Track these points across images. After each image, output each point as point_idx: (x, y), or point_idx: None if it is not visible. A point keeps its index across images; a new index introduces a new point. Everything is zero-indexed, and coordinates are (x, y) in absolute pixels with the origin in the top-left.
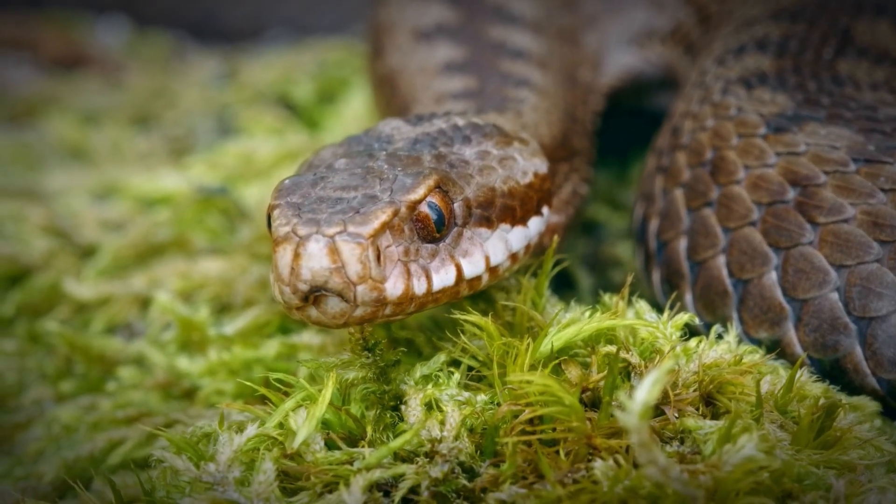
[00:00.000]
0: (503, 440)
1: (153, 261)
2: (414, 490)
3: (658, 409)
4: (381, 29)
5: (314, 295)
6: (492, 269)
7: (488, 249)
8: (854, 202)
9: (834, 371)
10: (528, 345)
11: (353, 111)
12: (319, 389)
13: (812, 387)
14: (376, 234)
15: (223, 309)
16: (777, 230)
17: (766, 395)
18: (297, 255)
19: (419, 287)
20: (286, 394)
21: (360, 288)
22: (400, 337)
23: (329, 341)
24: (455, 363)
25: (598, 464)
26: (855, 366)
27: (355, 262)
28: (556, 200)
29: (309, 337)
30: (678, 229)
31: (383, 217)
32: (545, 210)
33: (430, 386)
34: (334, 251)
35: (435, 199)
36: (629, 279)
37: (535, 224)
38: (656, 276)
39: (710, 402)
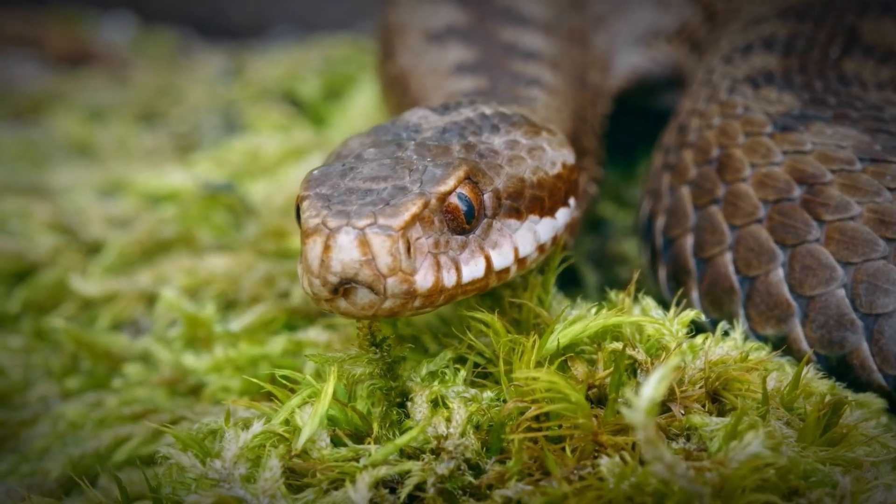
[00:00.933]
0: (509, 437)
1: (159, 257)
2: (420, 487)
3: (664, 406)
4: (391, 30)
5: (344, 287)
6: (520, 261)
7: (517, 241)
8: (860, 200)
9: (840, 368)
10: (535, 341)
11: (360, 108)
12: (325, 386)
13: (818, 383)
14: (407, 227)
15: (229, 305)
16: (784, 227)
17: (773, 392)
18: (327, 248)
19: (449, 279)
20: (292, 390)
21: (390, 280)
22: (406, 334)
23: (336, 338)
24: (461, 360)
25: (604, 461)
26: (861, 362)
27: (386, 255)
28: None
29: (315, 333)
30: (685, 226)
31: (414, 209)
32: (572, 201)
33: (436, 383)
34: (365, 243)
35: (465, 190)
36: (635, 276)
37: (563, 215)
38: (662, 273)
39: (716, 399)
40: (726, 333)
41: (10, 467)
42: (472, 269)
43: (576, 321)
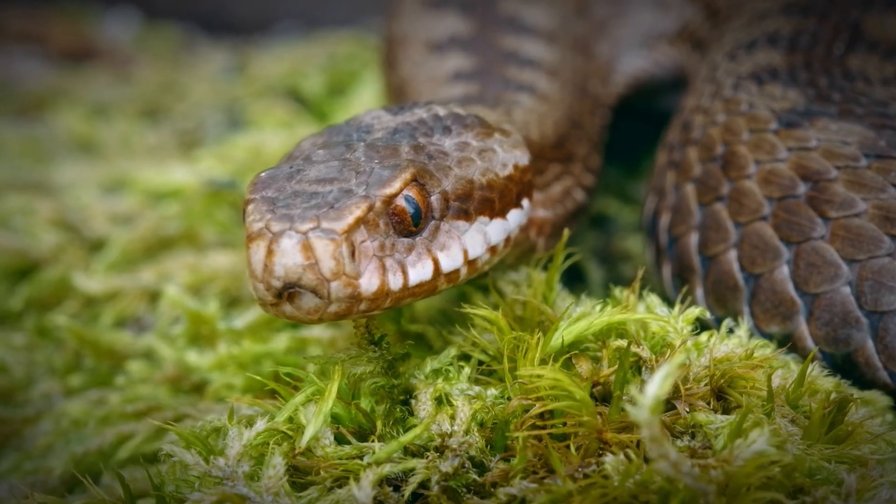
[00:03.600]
0: (513, 435)
1: (162, 254)
2: (424, 485)
3: (669, 404)
4: (394, 41)
5: (288, 291)
6: (470, 263)
7: (466, 243)
8: (865, 197)
9: (845, 365)
10: (539, 339)
11: (363, 104)
12: (329, 384)
13: (823, 381)
14: (350, 230)
15: (232, 303)
16: (788, 224)
17: (778, 390)
18: (270, 252)
19: (395, 282)
20: (296, 388)
21: (333, 284)
22: (410, 331)
23: (339, 335)
24: (465, 357)
25: (608, 458)
26: (866, 360)
27: (329, 259)
28: (542, 197)
29: (319, 331)
30: (689, 224)
31: (357, 212)
32: (525, 202)
33: (440, 380)
34: (307, 247)
35: (412, 192)
36: (640, 273)
37: (515, 216)
38: (667, 270)
39: (721, 397)
40: (731, 331)
41: (13, 465)
42: (419, 272)
43: (580, 318)
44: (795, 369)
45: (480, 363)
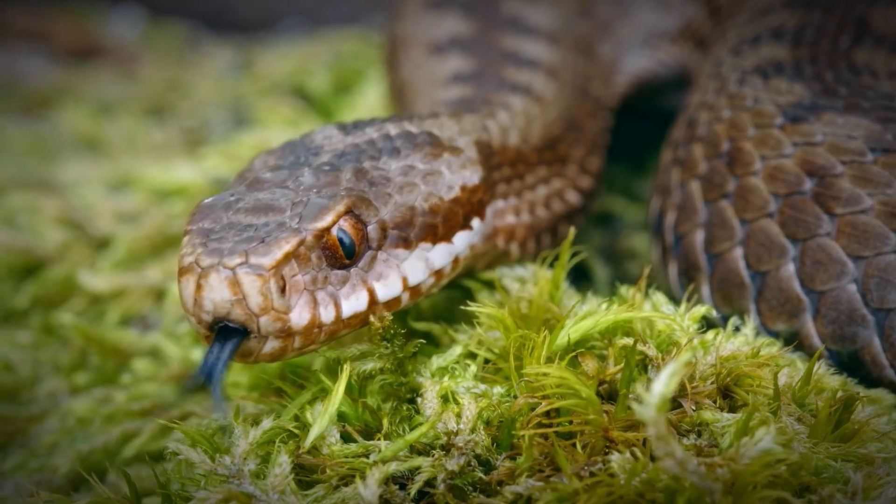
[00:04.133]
0: (520, 433)
1: (168, 252)
2: (430, 483)
3: (675, 402)
4: (396, 43)
5: (219, 325)
6: (412, 289)
7: (406, 270)
8: (871, 192)
9: (852, 363)
10: (545, 337)
11: (369, 102)
12: (335, 382)
13: (830, 379)
14: (279, 265)
15: None
16: (794, 221)
17: (784, 388)
18: (199, 287)
19: (326, 315)
20: (302, 386)
21: (262, 319)
22: (417, 329)
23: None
24: (471, 355)
25: (615, 457)
26: (873, 357)
27: (256, 294)
28: (521, 202)
29: None
30: (695, 222)
31: (287, 247)
32: (476, 222)
33: (446, 378)
34: (235, 283)
35: (346, 224)
36: (646, 271)
37: (463, 238)
38: (673, 269)
39: (727, 395)
40: (737, 329)
41: (18, 463)
42: (353, 304)
43: (586, 317)
44: (802, 367)
45: (486, 361)
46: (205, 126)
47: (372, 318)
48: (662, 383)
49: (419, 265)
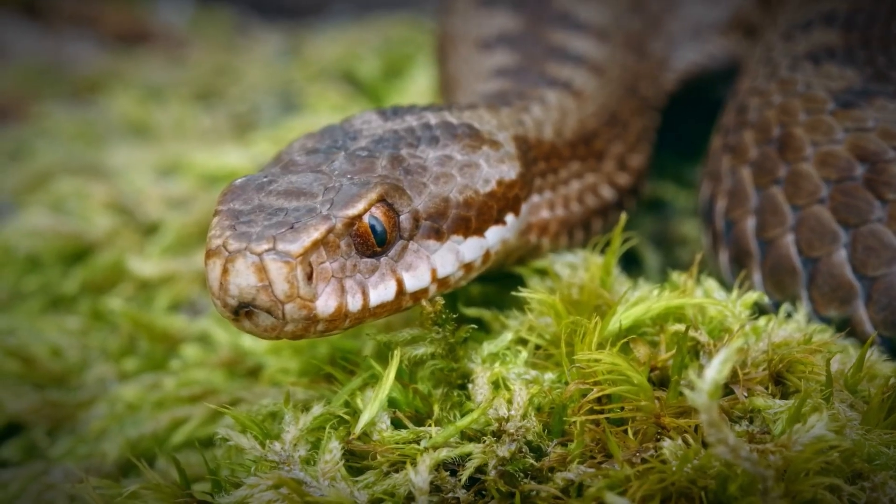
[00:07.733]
0: (571, 419)
1: None
2: (481, 469)
3: (727, 389)
4: (445, 39)
5: (244, 310)
6: (441, 281)
7: (436, 262)
8: None
9: None
10: (597, 323)
11: (419, 87)
12: (385, 367)
13: (882, 366)
14: (307, 252)
15: None
16: (846, 207)
17: (836, 375)
18: (225, 271)
19: (353, 304)
20: (352, 372)
21: (287, 306)
22: (468, 315)
23: (394, 318)
24: (522, 341)
25: (666, 443)
26: None
27: (282, 282)
28: (555, 197)
29: None
30: (746, 208)
31: (315, 234)
32: (510, 217)
33: (497, 364)
34: (261, 269)
35: (378, 212)
36: (698, 257)
37: (495, 233)
38: (724, 256)
39: (779, 382)
40: (789, 315)
41: (67, 449)
42: (381, 293)
43: (638, 303)
44: (854, 354)
45: (537, 347)
46: (254, 111)
47: (424, 303)
48: (715, 369)
49: (450, 257)
